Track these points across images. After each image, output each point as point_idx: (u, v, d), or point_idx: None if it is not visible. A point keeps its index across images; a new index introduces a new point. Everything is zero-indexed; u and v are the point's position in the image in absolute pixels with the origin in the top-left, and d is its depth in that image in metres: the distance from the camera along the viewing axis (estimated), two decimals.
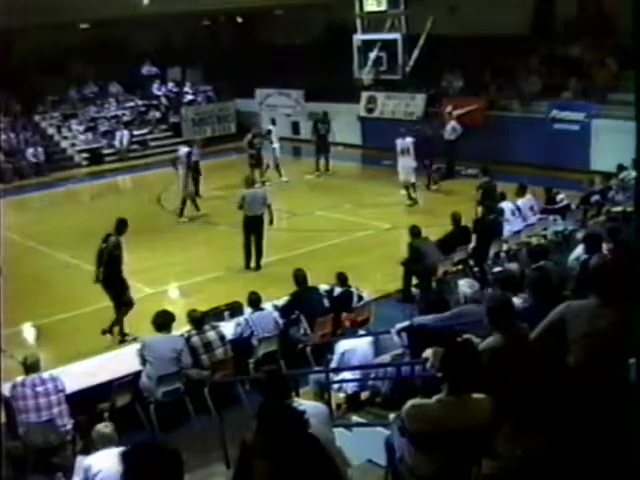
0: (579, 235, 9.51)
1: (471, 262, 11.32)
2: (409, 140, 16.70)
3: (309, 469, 3.64)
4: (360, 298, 9.59)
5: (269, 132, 19.67)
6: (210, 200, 17.65)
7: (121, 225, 10.61)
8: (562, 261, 8.20)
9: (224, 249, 13.59)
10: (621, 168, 13.26)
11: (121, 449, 4.20)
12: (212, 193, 18.23)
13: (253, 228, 12.74)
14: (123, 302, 10.44)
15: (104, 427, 5.48)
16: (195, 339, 8.27)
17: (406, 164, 16.54)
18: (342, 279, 9.61)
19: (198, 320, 8.46)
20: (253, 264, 12.76)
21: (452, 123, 18.53)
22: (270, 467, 3.51)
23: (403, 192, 16.75)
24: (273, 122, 20.49)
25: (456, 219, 11.51)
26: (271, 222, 12.86)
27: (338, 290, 9.62)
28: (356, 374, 7.46)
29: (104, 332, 10.29)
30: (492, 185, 13.33)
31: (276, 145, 19.49)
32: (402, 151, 16.70)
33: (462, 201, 14.23)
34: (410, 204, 16.55)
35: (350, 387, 7.44)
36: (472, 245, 11.52)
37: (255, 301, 8.96)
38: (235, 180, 16.65)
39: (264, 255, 12.82)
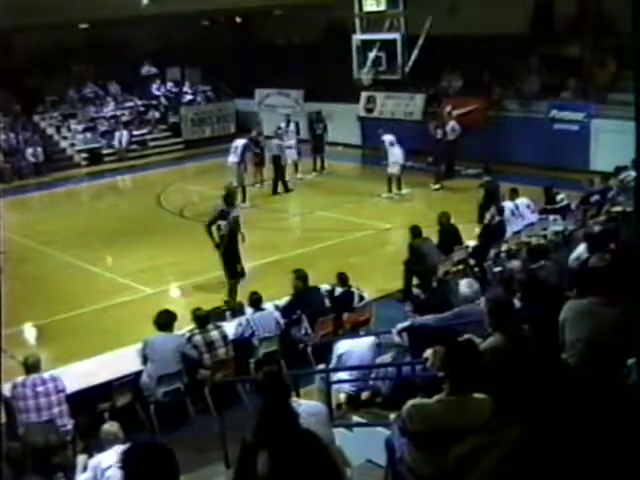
0: (579, 235, 9.52)
1: (471, 262, 11.32)
2: (389, 135, 17.19)
3: (309, 468, 3.65)
4: (361, 298, 9.59)
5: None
6: (210, 200, 17.64)
7: (231, 197, 11.25)
8: (562, 261, 8.20)
9: None
10: (618, 170, 13.23)
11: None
12: (212, 193, 18.22)
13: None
14: (238, 273, 11.02)
15: (110, 426, 5.55)
16: (198, 338, 8.27)
17: (399, 154, 16.91)
18: (343, 279, 9.61)
19: (202, 319, 8.46)
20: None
21: (452, 123, 18.58)
22: (271, 466, 3.52)
23: (395, 189, 17.12)
24: (288, 122, 19.82)
25: (440, 220, 11.51)
26: (243, 240, 11.73)
27: (339, 290, 9.62)
28: (355, 375, 7.45)
29: (227, 302, 10.61)
30: (494, 185, 13.35)
31: (288, 143, 19.13)
32: (391, 143, 17.06)
33: (463, 201, 14.25)
34: (398, 197, 16.88)
35: (350, 387, 7.43)
36: (474, 244, 11.51)
37: (256, 301, 8.96)
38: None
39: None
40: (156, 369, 7.86)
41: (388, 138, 17.22)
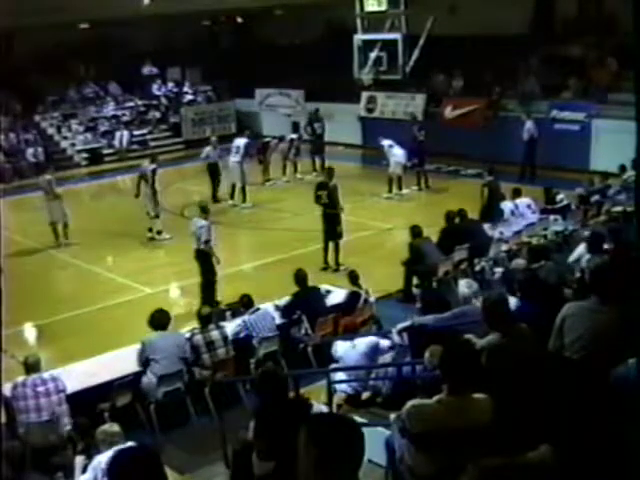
0: (579, 235, 9.53)
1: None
2: (387, 139, 17.30)
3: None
4: (366, 302, 9.57)
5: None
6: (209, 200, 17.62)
7: (331, 172, 13.34)
8: (562, 261, 8.21)
9: (224, 249, 13.55)
10: (624, 169, 13.26)
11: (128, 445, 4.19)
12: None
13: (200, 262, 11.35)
14: (338, 235, 12.48)
15: (110, 427, 5.50)
16: (198, 337, 8.25)
17: (401, 155, 16.94)
18: (353, 277, 9.64)
19: (206, 317, 8.45)
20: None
21: (528, 123, 17.90)
22: (272, 466, 3.51)
23: (395, 189, 17.20)
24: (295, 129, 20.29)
25: (448, 217, 11.54)
26: (217, 262, 11.33)
27: (345, 292, 9.64)
28: (354, 376, 7.44)
29: (326, 268, 12.03)
30: (496, 185, 13.35)
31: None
32: (390, 145, 17.13)
33: (464, 201, 14.21)
34: (398, 198, 16.96)
35: (349, 388, 7.43)
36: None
37: (247, 303, 8.95)
38: None
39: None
40: (160, 368, 7.82)
41: (386, 142, 17.24)
